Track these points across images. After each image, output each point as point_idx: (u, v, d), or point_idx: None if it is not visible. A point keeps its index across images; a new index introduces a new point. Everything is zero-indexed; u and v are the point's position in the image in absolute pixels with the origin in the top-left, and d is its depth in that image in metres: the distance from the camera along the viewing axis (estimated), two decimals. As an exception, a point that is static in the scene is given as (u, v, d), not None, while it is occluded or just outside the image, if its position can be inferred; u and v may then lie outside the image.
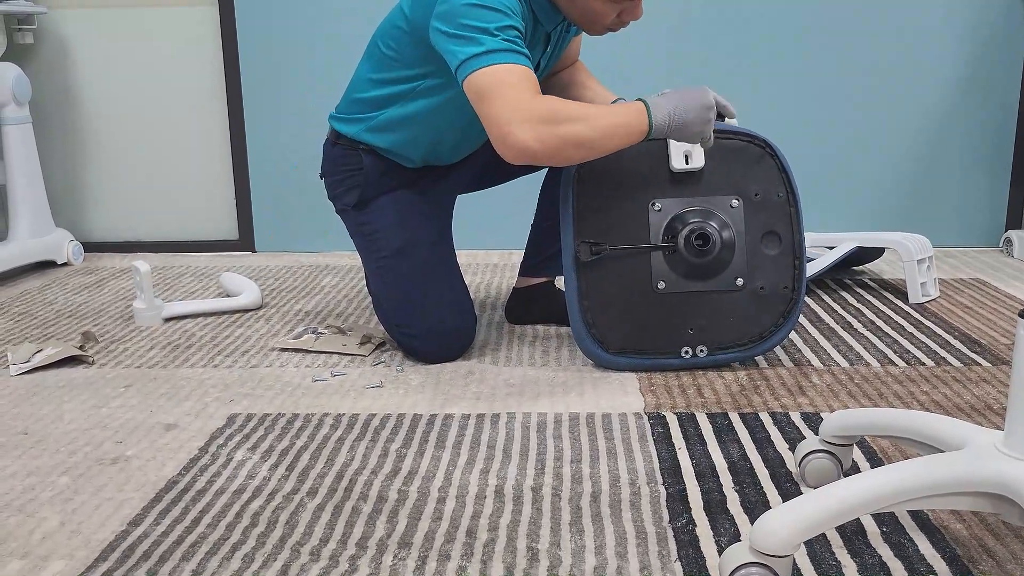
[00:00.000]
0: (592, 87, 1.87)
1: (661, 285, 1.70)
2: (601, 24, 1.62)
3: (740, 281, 1.70)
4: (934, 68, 2.70)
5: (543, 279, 2.04)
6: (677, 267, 1.70)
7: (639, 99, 1.54)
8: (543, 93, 1.50)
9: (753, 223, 1.71)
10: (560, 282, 2.16)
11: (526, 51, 1.51)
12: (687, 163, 1.70)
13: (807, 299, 2.19)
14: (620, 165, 1.71)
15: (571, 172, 1.71)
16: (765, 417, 1.51)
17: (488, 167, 1.90)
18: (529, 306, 2.04)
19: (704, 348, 1.70)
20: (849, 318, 2.06)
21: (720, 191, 1.72)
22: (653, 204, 1.71)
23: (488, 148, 1.83)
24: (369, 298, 2.29)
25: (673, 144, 1.70)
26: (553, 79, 1.89)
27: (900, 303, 2.17)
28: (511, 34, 1.48)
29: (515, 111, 1.45)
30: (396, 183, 1.81)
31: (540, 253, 1.99)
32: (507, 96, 1.46)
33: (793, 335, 1.93)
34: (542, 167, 1.90)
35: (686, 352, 1.70)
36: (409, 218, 1.80)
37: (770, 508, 1.14)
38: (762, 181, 1.72)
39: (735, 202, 1.71)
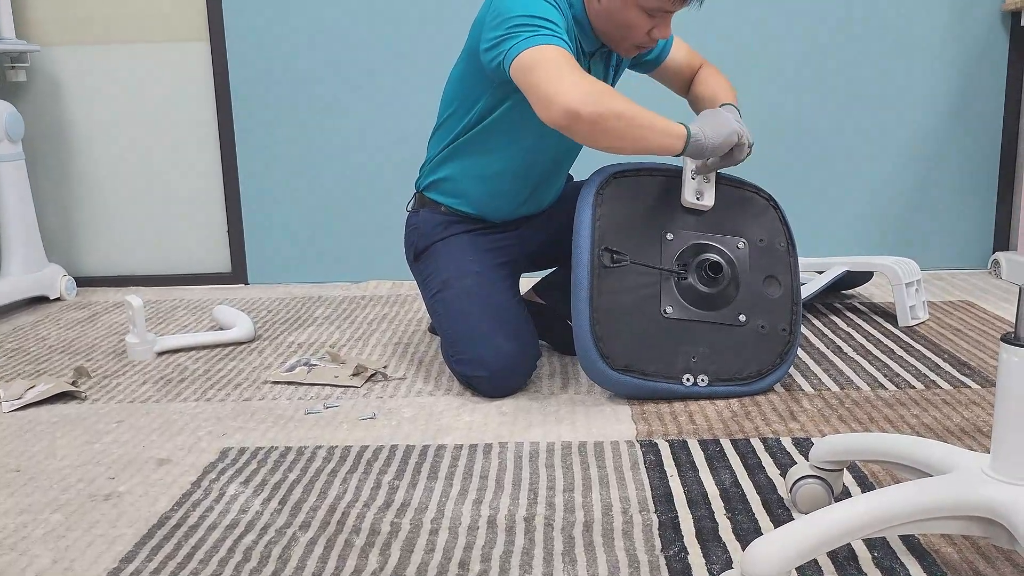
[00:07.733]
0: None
1: (669, 310, 1.72)
2: (630, 41, 1.69)
3: (743, 317, 1.73)
4: (919, 94, 2.73)
5: (544, 303, 2.07)
6: (686, 295, 1.73)
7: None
8: None
9: (756, 266, 1.76)
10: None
11: (570, 43, 1.60)
12: (698, 200, 1.75)
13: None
14: (637, 195, 1.76)
15: (591, 191, 1.74)
16: (756, 443, 1.51)
17: (545, 246, 1.97)
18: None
19: (705, 377, 1.71)
20: (839, 342, 2.07)
21: (728, 232, 1.77)
22: (666, 234, 1.74)
23: (548, 224, 1.94)
24: (361, 328, 2.30)
25: (687, 180, 1.74)
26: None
27: (890, 326, 2.18)
28: (556, 29, 1.58)
29: (564, 76, 1.53)
30: (449, 234, 1.89)
31: (556, 278, 2.07)
32: (556, 64, 1.54)
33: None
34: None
35: (687, 379, 1.71)
36: (458, 254, 1.86)
37: (762, 535, 1.14)
38: (767, 230, 1.78)
39: (741, 244, 1.76)
